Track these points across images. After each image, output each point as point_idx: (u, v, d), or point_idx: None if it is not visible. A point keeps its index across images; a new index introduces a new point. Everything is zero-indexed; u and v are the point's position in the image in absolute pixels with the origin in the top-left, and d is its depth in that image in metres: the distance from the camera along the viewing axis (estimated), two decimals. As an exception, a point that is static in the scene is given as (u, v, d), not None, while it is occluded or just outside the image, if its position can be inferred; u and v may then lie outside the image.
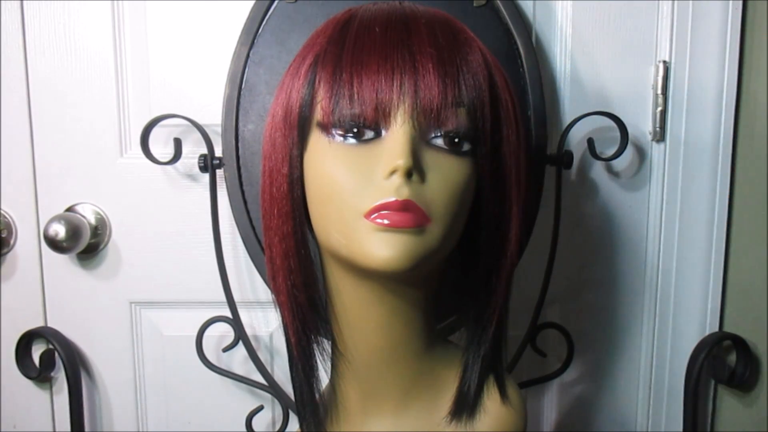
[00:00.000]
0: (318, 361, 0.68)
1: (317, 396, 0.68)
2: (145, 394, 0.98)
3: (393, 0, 0.63)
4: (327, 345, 0.69)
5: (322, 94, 0.57)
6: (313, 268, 0.64)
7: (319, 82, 0.57)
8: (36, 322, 0.95)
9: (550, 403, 0.99)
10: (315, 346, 0.67)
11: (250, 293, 0.94)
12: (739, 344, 0.90)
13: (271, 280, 0.65)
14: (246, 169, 0.87)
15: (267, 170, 0.62)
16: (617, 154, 0.87)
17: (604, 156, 0.88)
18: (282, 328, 0.67)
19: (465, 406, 0.65)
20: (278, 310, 0.66)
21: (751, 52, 0.89)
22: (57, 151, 0.92)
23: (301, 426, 0.71)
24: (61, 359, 0.92)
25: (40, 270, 0.94)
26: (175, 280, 0.94)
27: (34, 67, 0.91)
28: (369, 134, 0.56)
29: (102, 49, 0.90)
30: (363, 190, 0.54)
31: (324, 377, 0.71)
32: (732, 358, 0.92)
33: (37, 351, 0.95)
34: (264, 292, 0.93)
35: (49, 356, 0.95)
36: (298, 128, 0.59)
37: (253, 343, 0.91)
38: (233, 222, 0.89)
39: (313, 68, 0.58)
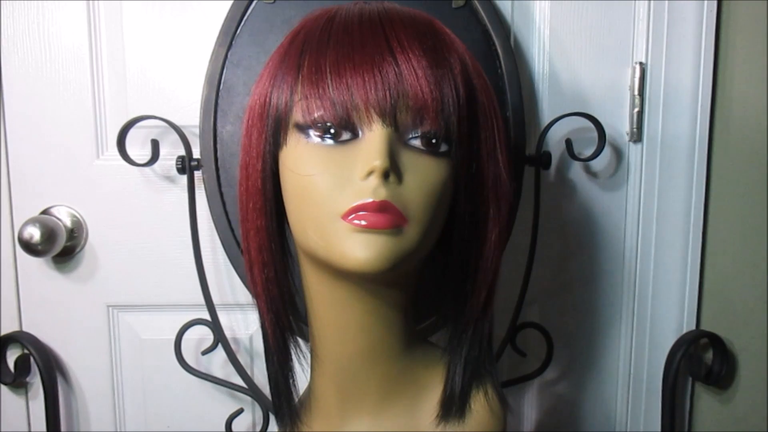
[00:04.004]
0: (293, 357, 0.68)
1: (293, 389, 0.69)
2: (123, 399, 0.96)
3: (374, 0, 0.63)
4: (305, 346, 0.69)
5: (299, 95, 0.57)
6: (288, 264, 0.65)
7: (296, 82, 0.57)
8: (11, 327, 0.94)
9: (531, 403, 0.99)
10: (290, 339, 0.67)
11: (230, 295, 0.93)
12: (716, 342, 0.91)
13: (247, 272, 0.65)
14: (225, 171, 0.86)
15: (243, 164, 0.63)
16: (595, 155, 0.87)
17: (582, 156, 0.89)
18: (260, 320, 0.67)
19: (452, 407, 0.65)
20: (255, 301, 0.66)
21: (725, 53, 0.90)
22: (32, 152, 0.91)
23: (279, 426, 0.70)
24: (37, 364, 0.91)
25: (14, 274, 0.93)
26: (153, 283, 0.93)
27: (7, 67, 0.89)
28: (346, 135, 0.56)
29: (78, 49, 0.89)
30: (340, 191, 0.54)
31: (302, 378, 0.71)
32: (709, 355, 0.93)
33: (12, 356, 0.93)
34: (243, 295, 0.92)
35: (25, 361, 0.93)
36: (275, 128, 0.59)
37: (232, 345, 0.91)
38: (212, 224, 0.88)
39: (291, 68, 0.58)
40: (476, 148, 0.60)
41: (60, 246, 0.88)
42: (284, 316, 0.66)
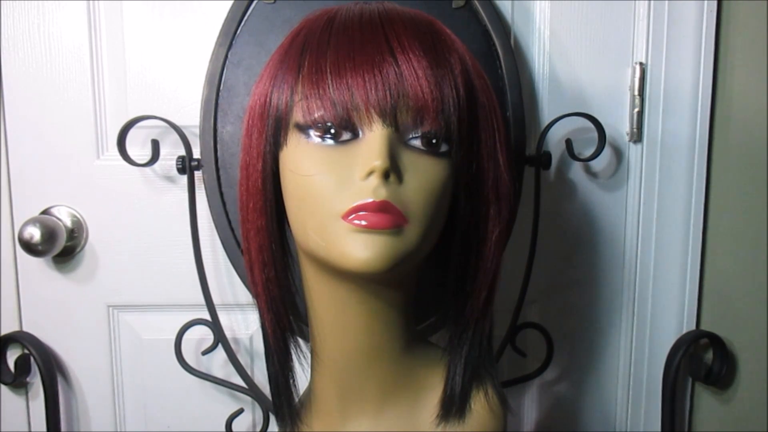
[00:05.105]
0: (293, 357, 0.68)
1: (293, 389, 0.69)
2: (124, 399, 0.96)
3: (374, 0, 0.63)
4: (306, 346, 0.69)
5: (299, 95, 0.57)
6: (288, 264, 0.65)
7: (296, 82, 0.57)
8: (11, 327, 0.94)
9: (531, 403, 0.99)
10: (290, 339, 0.67)
11: (230, 296, 0.93)
12: (716, 342, 0.91)
13: (248, 272, 0.65)
14: (225, 171, 0.86)
15: (243, 164, 0.63)
16: (595, 155, 0.87)
17: (582, 157, 0.89)
18: (260, 320, 0.67)
19: (452, 407, 0.65)
20: (255, 301, 0.66)
21: (725, 53, 0.90)
22: (32, 152, 0.91)
23: (279, 426, 0.70)
24: (37, 364, 0.91)
25: (15, 273, 0.93)
26: (154, 283, 0.93)
27: (7, 67, 0.89)
28: (346, 135, 0.56)
29: (78, 50, 0.89)
30: (340, 191, 0.54)
31: (302, 378, 0.71)
32: (709, 356, 0.93)
33: (12, 356, 0.93)
34: (243, 295, 0.92)
35: (25, 361, 0.93)
36: (275, 128, 0.59)
37: (232, 345, 0.91)
38: (212, 224, 0.88)
39: (292, 68, 0.58)
40: (476, 149, 0.60)
41: (60, 246, 0.88)
42: (284, 316, 0.66)
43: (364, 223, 0.53)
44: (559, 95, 0.92)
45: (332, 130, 0.56)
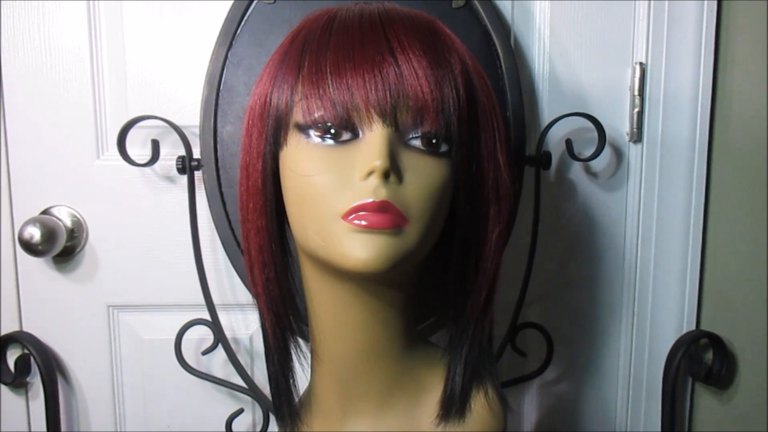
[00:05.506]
0: (293, 357, 0.68)
1: (293, 389, 0.69)
2: (124, 399, 0.96)
3: (374, 0, 0.63)
4: (306, 346, 0.69)
5: (299, 95, 0.57)
6: (288, 264, 0.65)
7: (296, 82, 0.57)
8: (11, 327, 0.94)
9: (531, 403, 0.99)
10: (290, 339, 0.67)
11: (230, 296, 0.93)
12: (716, 342, 0.91)
13: (248, 272, 0.65)
14: (225, 171, 0.86)
15: (243, 164, 0.63)
16: (595, 155, 0.87)
17: (582, 157, 0.89)
18: (260, 320, 0.67)
19: (452, 407, 0.65)
20: (256, 301, 0.66)
21: (725, 53, 0.90)
22: (32, 152, 0.91)
23: (279, 426, 0.70)
24: (37, 364, 0.91)
25: (15, 273, 0.93)
26: (154, 283, 0.93)
27: (7, 67, 0.89)
28: (346, 135, 0.56)
29: (78, 50, 0.89)
30: (340, 191, 0.54)
31: (302, 378, 0.71)
32: (709, 356, 0.93)
33: (12, 356, 0.93)
34: (243, 295, 0.92)
35: (25, 361, 0.93)
36: (275, 128, 0.59)
37: (232, 345, 0.91)
38: (212, 224, 0.88)
39: (292, 68, 0.58)
40: (476, 149, 0.60)
41: (60, 246, 0.88)
42: (284, 316, 0.66)
43: (364, 223, 0.53)
44: (559, 95, 0.92)
45: (332, 130, 0.56)
